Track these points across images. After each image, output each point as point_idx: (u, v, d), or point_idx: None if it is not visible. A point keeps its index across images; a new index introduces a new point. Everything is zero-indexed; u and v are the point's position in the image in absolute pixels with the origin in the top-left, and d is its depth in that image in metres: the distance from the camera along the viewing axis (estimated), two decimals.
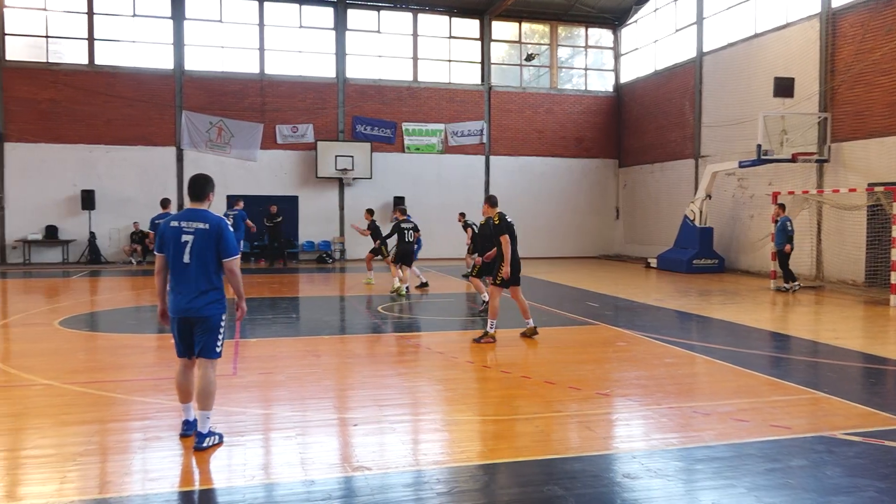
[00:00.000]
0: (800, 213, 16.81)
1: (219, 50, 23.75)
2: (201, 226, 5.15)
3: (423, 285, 15.75)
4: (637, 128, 26.18)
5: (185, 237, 5.13)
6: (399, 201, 23.68)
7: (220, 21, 23.67)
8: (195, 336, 5.21)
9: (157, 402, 6.30)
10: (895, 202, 13.43)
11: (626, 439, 5.60)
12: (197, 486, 4.56)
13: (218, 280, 5.25)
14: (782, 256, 15.51)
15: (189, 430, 5.29)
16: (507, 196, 25.50)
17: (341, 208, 24.69)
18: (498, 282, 9.58)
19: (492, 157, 26.07)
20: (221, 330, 5.28)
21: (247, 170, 23.67)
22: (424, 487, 4.49)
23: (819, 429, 5.65)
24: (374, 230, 16.49)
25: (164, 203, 14.91)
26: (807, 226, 17.25)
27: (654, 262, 21.81)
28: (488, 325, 9.47)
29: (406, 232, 14.78)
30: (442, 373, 7.80)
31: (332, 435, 5.58)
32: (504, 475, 4.73)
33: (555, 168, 26.72)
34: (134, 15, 22.96)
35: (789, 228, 15.45)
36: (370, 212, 16.88)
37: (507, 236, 9.43)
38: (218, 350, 5.28)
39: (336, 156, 23.70)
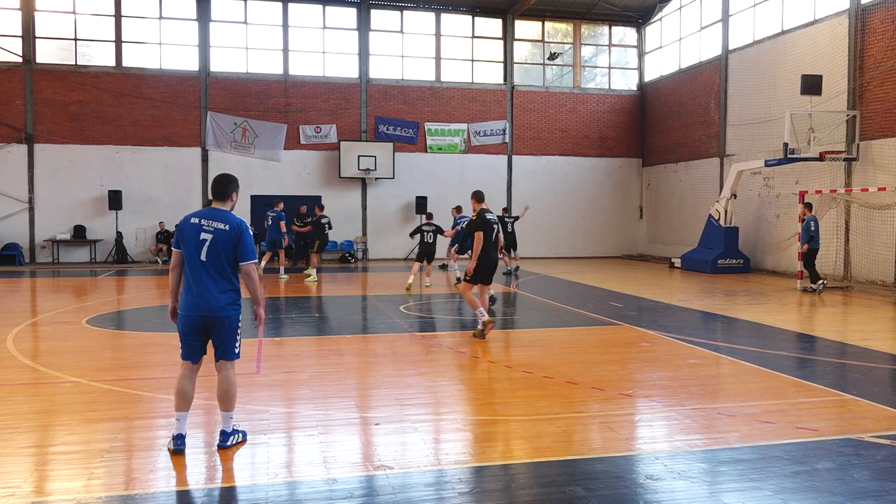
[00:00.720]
0: (827, 213, 16.56)
1: (243, 51, 23.97)
2: (221, 226, 5.11)
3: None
4: (661, 127, 25.96)
5: (203, 235, 5.09)
6: (422, 201, 23.78)
7: (245, 23, 23.89)
8: (213, 338, 5.18)
9: None
10: None
11: (650, 440, 5.56)
12: (220, 484, 4.60)
13: (237, 280, 5.24)
14: (806, 256, 15.31)
15: (182, 445, 5.00)
16: (529, 195, 25.61)
17: (364, 208, 24.80)
18: (467, 278, 9.59)
19: (514, 157, 26.01)
20: (239, 330, 5.29)
21: (271, 170, 23.86)
22: (446, 487, 4.49)
23: (846, 431, 5.56)
24: (317, 226, 16.70)
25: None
26: (834, 225, 16.99)
27: (678, 262, 21.61)
28: (478, 316, 9.48)
29: (426, 233, 15.46)
30: (464, 372, 7.80)
31: (354, 434, 5.60)
32: (526, 475, 4.72)
33: (578, 167, 26.60)
34: (160, 17, 23.24)
35: (812, 228, 15.23)
36: (320, 207, 17.33)
37: (480, 233, 9.44)
38: (237, 351, 5.28)
39: (359, 156, 23.81)
